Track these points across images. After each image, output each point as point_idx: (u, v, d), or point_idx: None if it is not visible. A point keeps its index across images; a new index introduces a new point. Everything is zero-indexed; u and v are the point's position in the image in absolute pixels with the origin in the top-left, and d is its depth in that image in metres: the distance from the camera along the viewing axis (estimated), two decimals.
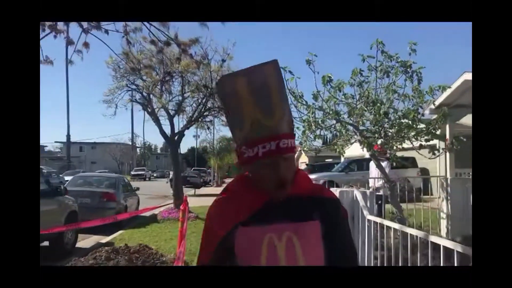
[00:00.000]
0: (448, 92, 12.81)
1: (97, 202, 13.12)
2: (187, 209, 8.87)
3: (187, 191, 16.66)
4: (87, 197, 12.91)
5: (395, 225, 4.28)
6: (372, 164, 11.42)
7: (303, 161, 34.41)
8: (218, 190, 32.29)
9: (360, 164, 19.74)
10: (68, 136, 33.85)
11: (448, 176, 9.88)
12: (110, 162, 70.87)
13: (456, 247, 2.97)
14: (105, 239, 10.54)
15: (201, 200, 15.63)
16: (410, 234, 3.75)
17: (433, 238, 3.47)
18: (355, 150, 13.21)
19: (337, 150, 8.98)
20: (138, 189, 17.61)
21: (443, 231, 8.68)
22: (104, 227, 10.28)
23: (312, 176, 19.07)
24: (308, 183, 1.71)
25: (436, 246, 3.35)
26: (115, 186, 14.76)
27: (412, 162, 18.47)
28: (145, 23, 6.87)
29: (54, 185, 10.15)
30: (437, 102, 15.42)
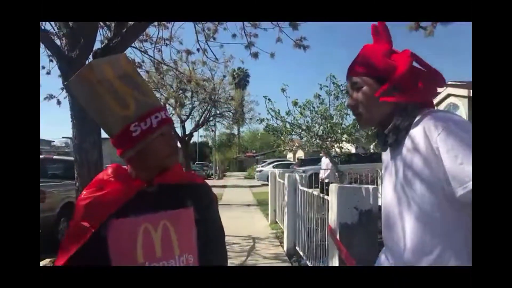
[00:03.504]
0: None
1: None
2: None
3: None
4: None
5: (315, 192, 5.91)
6: (323, 160, 13.85)
7: (299, 156, 34.41)
8: (220, 182, 32.19)
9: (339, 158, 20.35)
10: None
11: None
12: (116, 157, 67.77)
13: None
14: None
15: None
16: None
17: None
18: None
19: (306, 149, 11.53)
20: None
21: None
22: None
23: (301, 168, 19.55)
24: (179, 171, 1.56)
25: None
26: None
27: None
28: (174, 68, 8.03)
29: None
30: None
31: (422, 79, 1.45)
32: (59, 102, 8.76)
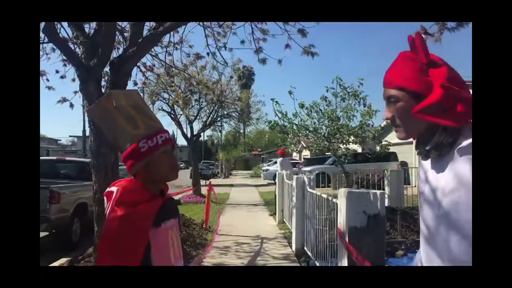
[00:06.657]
0: None
1: None
2: (211, 189, 11.32)
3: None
4: None
5: (317, 192, 6.17)
6: (278, 160, 13.62)
7: (304, 155, 34.28)
8: (226, 181, 31.91)
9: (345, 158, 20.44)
10: (84, 130, 32.24)
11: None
12: None
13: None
14: None
15: None
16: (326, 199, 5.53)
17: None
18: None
19: (312, 150, 11.45)
20: None
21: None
22: None
23: (308, 168, 19.52)
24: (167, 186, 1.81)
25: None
26: None
27: (394, 156, 19.76)
28: (183, 70, 8.29)
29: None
30: None
31: (462, 100, 1.34)
32: (71, 105, 8.78)
